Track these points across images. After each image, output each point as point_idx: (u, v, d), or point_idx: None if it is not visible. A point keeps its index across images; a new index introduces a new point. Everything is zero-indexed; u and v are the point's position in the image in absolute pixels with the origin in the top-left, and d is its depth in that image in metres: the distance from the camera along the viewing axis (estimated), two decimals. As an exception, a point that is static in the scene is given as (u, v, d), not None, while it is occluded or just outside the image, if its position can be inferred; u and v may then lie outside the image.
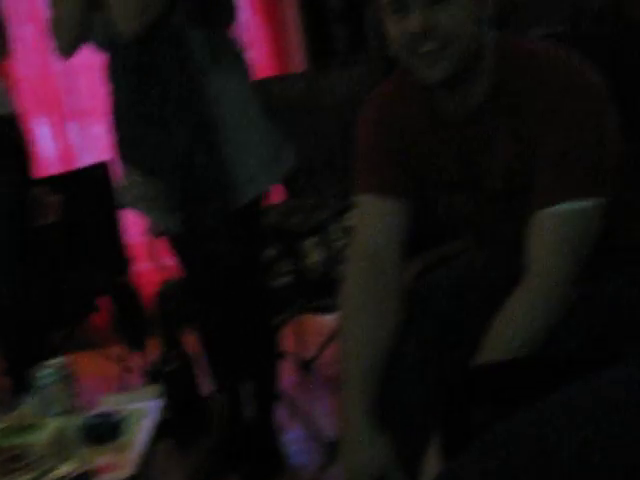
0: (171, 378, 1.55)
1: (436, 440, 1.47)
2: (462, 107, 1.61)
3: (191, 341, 2.20)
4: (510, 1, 3.11)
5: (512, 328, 1.53)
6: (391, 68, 1.79)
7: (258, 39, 3.74)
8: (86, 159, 3.70)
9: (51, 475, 1.15)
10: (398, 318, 1.68)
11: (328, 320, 3.23)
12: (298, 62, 3.60)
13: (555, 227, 1.53)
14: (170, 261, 2.94)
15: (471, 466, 1.03)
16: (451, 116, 1.64)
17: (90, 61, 3.65)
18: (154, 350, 3.20)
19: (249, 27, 3.73)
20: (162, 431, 1.55)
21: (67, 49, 2.27)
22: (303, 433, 2.77)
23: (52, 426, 1.59)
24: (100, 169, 3.13)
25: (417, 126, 1.69)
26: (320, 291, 2.49)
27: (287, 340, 3.15)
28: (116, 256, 3.14)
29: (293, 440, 2.78)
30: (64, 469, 1.14)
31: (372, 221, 1.73)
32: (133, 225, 3.54)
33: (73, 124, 3.80)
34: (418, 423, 1.60)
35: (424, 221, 1.81)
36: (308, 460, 2.68)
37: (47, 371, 1.63)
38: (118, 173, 2.36)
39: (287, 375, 3.20)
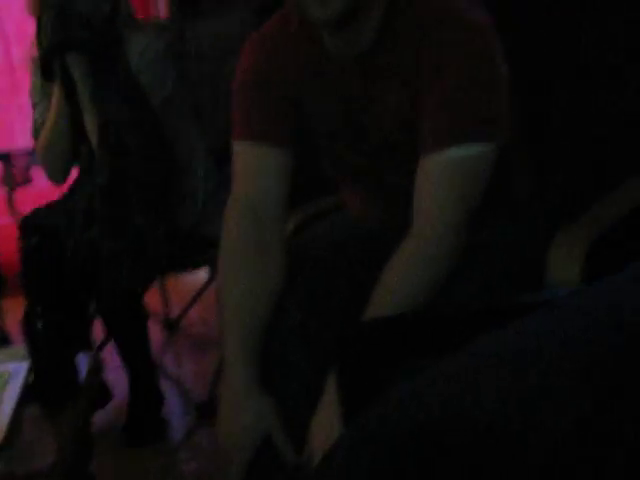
0: (36, 337, 1.42)
1: (330, 399, 1.42)
2: (350, 49, 1.54)
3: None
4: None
5: (399, 281, 1.48)
6: (263, 15, 1.71)
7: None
8: None
9: None
10: (280, 272, 1.62)
11: (193, 279, 3.15)
12: (162, 9, 3.45)
13: (441, 173, 1.47)
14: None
15: (378, 423, 0.97)
16: (337, 60, 1.57)
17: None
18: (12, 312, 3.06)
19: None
20: (29, 396, 1.43)
21: (59, 178, 2.44)
22: (171, 395, 2.68)
23: None
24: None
25: (300, 71, 1.61)
26: (187, 247, 2.39)
27: (152, 300, 3.05)
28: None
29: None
30: None
31: (251, 170, 1.64)
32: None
33: None
34: (302, 383, 1.55)
35: (304, 170, 1.74)
36: (177, 422, 2.61)
37: None
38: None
39: (153, 336, 3.09)
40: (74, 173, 2.48)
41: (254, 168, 1.64)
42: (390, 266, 1.50)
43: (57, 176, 2.44)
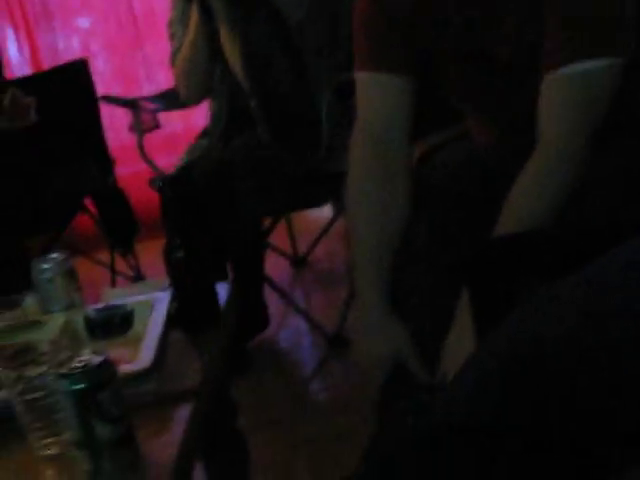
0: (177, 266, 1.49)
1: (462, 318, 1.44)
2: None
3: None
4: None
5: (527, 198, 1.48)
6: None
7: None
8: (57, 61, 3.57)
9: (68, 366, 1.09)
10: (407, 199, 1.63)
11: (318, 215, 3.20)
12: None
13: (565, 89, 1.45)
14: (161, 162, 2.89)
15: (507, 343, 0.99)
16: None
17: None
18: (145, 254, 3.18)
19: None
20: (172, 322, 1.50)
21: (195, 97, 2.48)
22: (302, 328, 2.75)
23: (58, 321, 1.53)
24: (79, 66, 3.01)
25: None
26: (312, 183, 2.43)
27: (279, 237, 3.12)
28: (101, 156, 3.04)
29: (292, 335, 2.78)
30: (82, 358, 1.09)
31: (375, 100, 1.65)
32: (113, 126, 3.46)
33: (43, 26, 3.66)
34: (432, 306, 1.57)
35: (427, 99, 1.74)
36: (308, 354, 2.67)
37: (47, 265, 1.57)
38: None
39: (282, 272, 3.18)
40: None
41: (377, 97, 1.64)
42: (517, 184, 1.49)
43: (194, 96, 2.47)
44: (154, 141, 3.39)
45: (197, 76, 2.40)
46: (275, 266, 3.14)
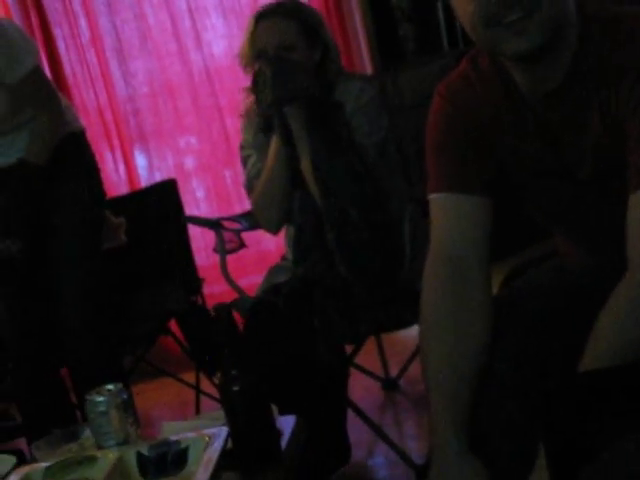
0: (232, 401, 1.40)
1: (542, 463, 1.30)
2: (545, 83, 1.45)
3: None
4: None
5: (617, 329, 1.36)
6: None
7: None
8: (152, 181, 3.63)
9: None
10: (486, 327, 1.52)
11: (409, 335, 3.08)
12: (367, 66, 3.47)
13: None
14: (243, 282, 2.84)
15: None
16: (532, 94, 1.47)
17: (152, 84, 3.66)
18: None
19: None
20: (228, 460, 1.40)
21: (274, 226, 2.41)
22: (391, 457, 2.60)
23: (110, 458, 1.46)
24: (168, 187, 3.03)
25: (494, 111, 1.52)
26: (399, 304, 2.33)
27: (369, 359, 3.01)
28: (187, 277, 3.02)
29: (381, 465, 2.64)
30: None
31: (449, 222, 1.56)
32: (205, 245, 3.46)
33: (138, 146, 3.74)
34: (515, 447, 1.46)
35: (508, 219, 1.65)
36: (398, 485, 2.53)
37: (102, 398, 1.51)
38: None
39: (372, 396, 3.06)
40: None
41: (451, 219, 1.56)
42: (605, 312, 1.39)
43: (272, 224, 2.42)
44: (245, 260, 3.36)
45: (276, 205, 2.35)
46: (365, 389, 3.02)
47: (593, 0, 1.49)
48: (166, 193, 3.01)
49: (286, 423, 1.56)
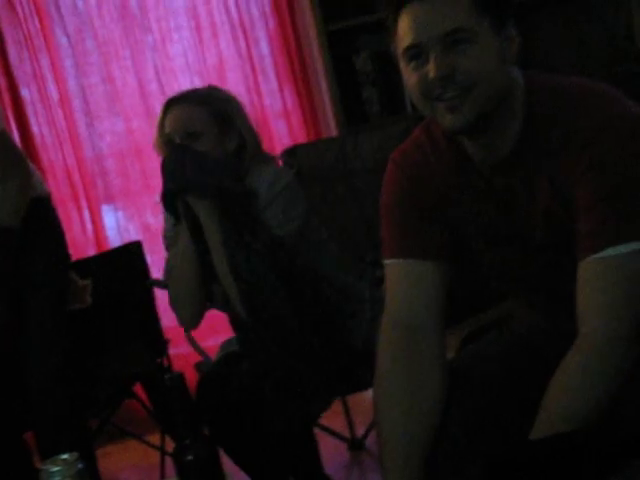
0: (189, 469, 1.40)
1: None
2: (493, 154, 1.49)
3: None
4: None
5: (568, 396, 1.38)
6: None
7: (291, 108, 3.67)
8: (119, 242, 3.62)
9: None
10: (439, 391, 1.54)
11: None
12: (332, 128, 3.51)
13: (603, 276, 1.38)
14: (207, 343, 2.83)
15: None
16: (483, 164, 1.51)
17: (119, 145, 3.68)
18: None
19: (280, 97, 3.67)
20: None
21: (190, 323, 2.34)
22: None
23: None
24: (133, 249, 3.04)
25: (446, 179, 1.56)
26: (362, 364, 2.33)
27: (335, 420, 3.00)
28: (153, 338, 3.02)
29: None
30: None
31: (404, 288, 1.59)
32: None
33: (106, 207, 3.75)
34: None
35: (465, 283, 1.67)
36: None
37: (56, 468, 1.49)
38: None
39: (339, 457, 3.04)
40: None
41: (405, 285, 1.59)
42: (555, 381, 1.40)
43: (187, 322, 2.33)
44: (211, 319, 3.35)
45: (188, 303, 2.25)
46: (331, 450, 3.00)
47: (537, 72, 1.53)
48: (132, 255, 3.01)
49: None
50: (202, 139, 2.16)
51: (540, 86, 1.48)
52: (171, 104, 2.21)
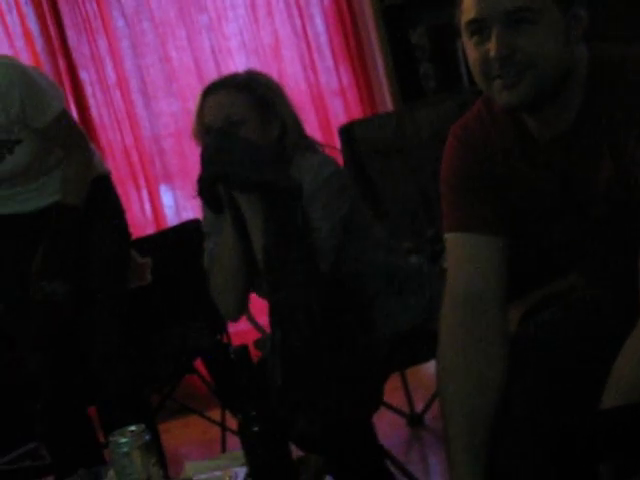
0: (252, 442, 1.42)
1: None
2: (553, 128, 1.48)
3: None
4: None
5: (634, 370, 1.38)
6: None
7: (347, 85, 3.67)
8: (177, 221, 3.67)
9: None
10: (501, 365, 1.55)
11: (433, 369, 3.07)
12: (388, 104, 3.50)
13: None
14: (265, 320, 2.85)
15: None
16: (543, 138, 1.50)
17: (177, 125, 3.71)
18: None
19: (336, 74, 3.67)
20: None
21: (233, 313, 2.30)
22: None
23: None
24: (191, 227, 3.07)
25: (507, 152, 1.55)
26: (419, 340, 2.33)
27: (393, 395, 3.01)
28: (212, 315, 3.04)
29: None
30: None
31: (465, 262, 1.59)
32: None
33: (164, 187, 3.79)
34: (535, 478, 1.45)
35: (524, 257, 1.66)
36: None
37: (124, 439, 1.53)
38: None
39: (398, 433, 3.05)
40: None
41: (467, 259, 1.58)
42: (625, 352, 1.41)
43: (229, 313, 2.30)
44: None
45: (232, 294, 2.21)
46: (390, 425, 3.01)
47: (601, 42, 1.51)
48: (189, 234, 3.04)
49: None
50: (244, 127, 2.08)
51: (602, 60, 1.46)
52: (210, 91, 2.13)
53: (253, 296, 2.52)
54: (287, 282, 2.03)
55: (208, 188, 2.06)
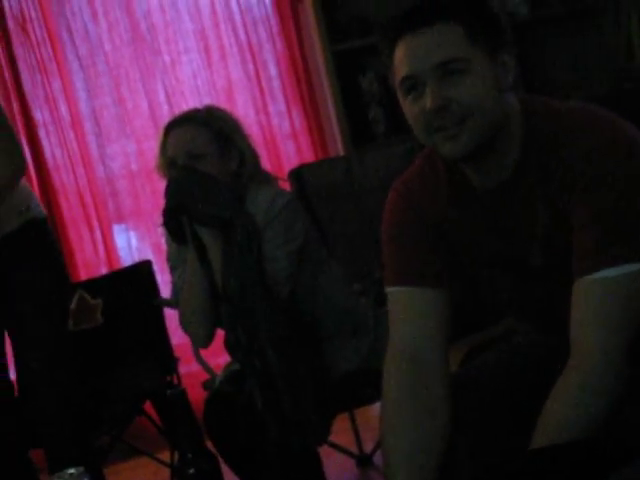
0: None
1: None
2: (492, 179, 1.52)
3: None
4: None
5: (566, 411, 1.41)
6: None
7: (299, 129, 3.72)
8: (130, 261, 3.67)
9: None
10: (445, 415, 1.55)
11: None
12: (339, 148, 3.56)
13: (597, 296, 1.40)
14: (218, 361, 2.86)
15: None
16: (482, 190, 1.54)
17: (130, 166, 3.74)
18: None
19: (288, 118, 3.73)
20: None
21: (202, 342, 2.36)
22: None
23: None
24: (143, 268, 3.09)
25: (447, 205, 1.58)
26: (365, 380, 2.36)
27: (342, 436, 3.03)
28: (162, 356, 3.06)
29: None
30: None
31: (406, 317, 1.60)
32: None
33: (117, 227, 3.80)
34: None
35: (468, 300, 1.70)
36: None
37: (63, 483, 1.53)
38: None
39: (347, 473, 3.06)
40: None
41: (407, 314, 1.59)
42: (553, 398, 1.43)
43: (199, 340, 2.37)
44: (220, 338, 3.39)
45: (200, 321, 2.27)
46: (339, 467, 3.02)
47: (533, 96, 1.57)
48: (142, 274, 3.06)
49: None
50: (204, 160, 2.19)
51: (537, 111, 1.50)
52: (172, 126, 2.25)
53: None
54: (246, 307, 2.12)
55: (171, 219, 2.18)
